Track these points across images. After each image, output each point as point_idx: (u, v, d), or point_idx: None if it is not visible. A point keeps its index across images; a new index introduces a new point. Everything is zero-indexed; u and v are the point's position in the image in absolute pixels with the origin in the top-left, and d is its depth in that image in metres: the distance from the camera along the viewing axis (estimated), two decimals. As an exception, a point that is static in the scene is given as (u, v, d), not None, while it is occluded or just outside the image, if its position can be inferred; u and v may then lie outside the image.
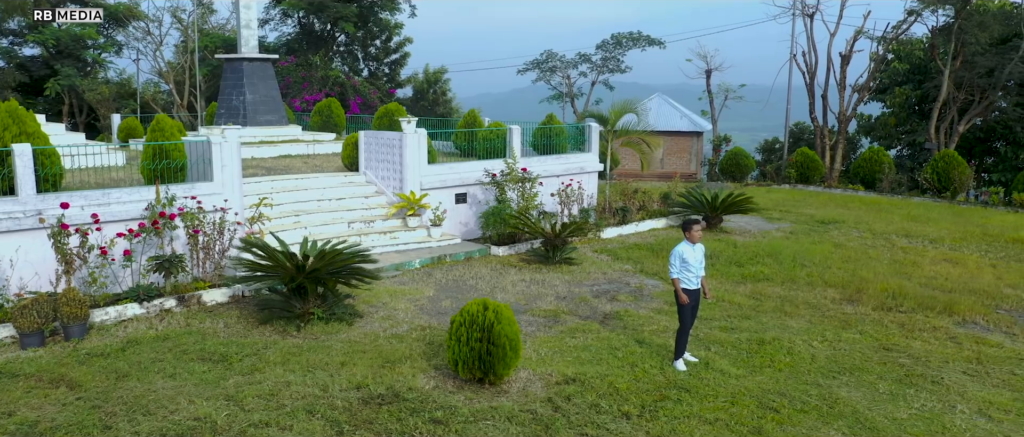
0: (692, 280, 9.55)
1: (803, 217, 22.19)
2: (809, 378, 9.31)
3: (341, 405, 8.21)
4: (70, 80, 33.54)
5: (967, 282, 14.44)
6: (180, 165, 13.87)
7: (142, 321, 11.22)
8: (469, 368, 8.67)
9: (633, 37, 39.67)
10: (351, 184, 17.76)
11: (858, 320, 11.82)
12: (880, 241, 18.65)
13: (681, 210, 20.05)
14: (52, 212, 11.70)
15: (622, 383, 8.94)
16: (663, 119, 39.66)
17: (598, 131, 20.82)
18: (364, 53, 44.58)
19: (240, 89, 24.35)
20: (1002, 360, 10.13)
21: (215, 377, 9.03)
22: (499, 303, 8.84)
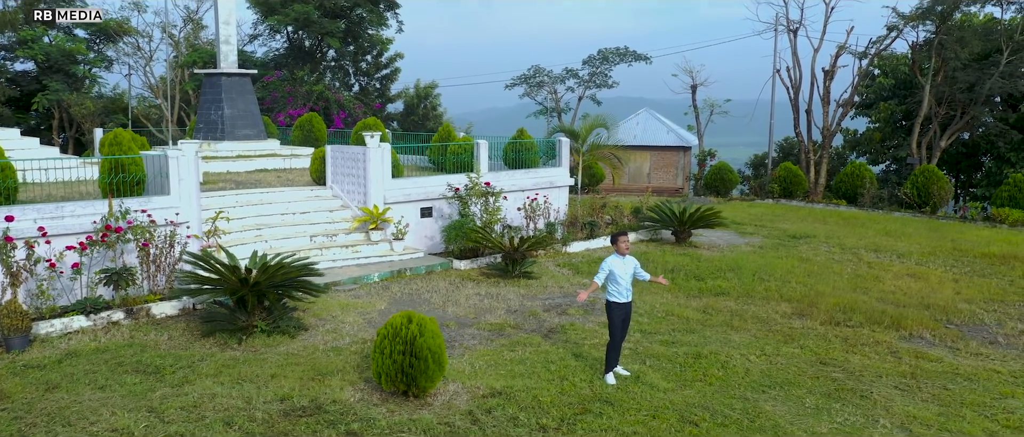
0: (622, 293, 9.59)
1: (776, 232, 22.21)
2: (737, 392, 9.32)
3: (260, 417, 8.25)
4: (58, 95, 33.81)
5: (925, 297, 14.44)
6: (137, 179, 13.99)
7: (87, 333, 11.29)
8: (392, 381, 8.71)
9: (619, 52, 39.84)
10: (317, 198, 17.86)
11: (802, 334, 11.82)
12: (847, 256, 18.65)
13: (651, 224, 20.08)
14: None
15: (547, 396, 8.97)
16: (650, 134, 39.79)
17: (568, 146, 20.89)
18: (355, 68, 44.83)
19: (219, 104, 24.51)
20: (937, 375, 10.12)
21: (144, 389, 9.09)
22: (424, 316, 8.89)
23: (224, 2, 24.79)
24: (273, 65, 37.97)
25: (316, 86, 34.45)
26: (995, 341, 11.87)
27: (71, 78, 36.27)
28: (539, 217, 18.30)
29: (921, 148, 31.51)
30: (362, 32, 39.45)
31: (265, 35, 39.52)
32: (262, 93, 35.17)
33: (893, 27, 30.31)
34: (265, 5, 36.39)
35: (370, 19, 38.27)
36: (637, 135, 39.81)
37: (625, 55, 39.87)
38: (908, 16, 29.82)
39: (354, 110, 36.00)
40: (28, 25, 36.25)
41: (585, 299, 9.73)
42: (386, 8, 39.48)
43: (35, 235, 11.69)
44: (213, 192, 17.01)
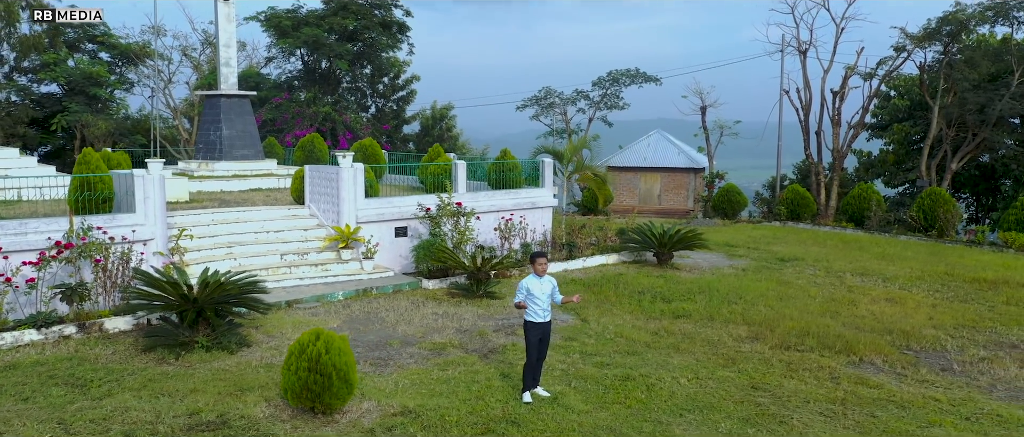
0: (539, 313, 9.54)
1: (767, 254, 21.88)
2: (653, 416, 9.18)
3: (163, 431, 8.36)
4: (77, 116, 34.84)
5: (894, 321, 14.10)
6: (104, 197, 14.34)
7: (35, 347, 11.56)
8: (297, 397, 8.76)
9: (630, 74, 39.78)
10: (294, 217, 18.09)
11: (746, 358, 11.62)
12: (830, 279, 18.31)
13: (633, 246, 19.92)
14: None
15: (455, 416, 8.94)
16: (660, 155, 39.57)
17: (552, 166, 20.90)
18: (372, 90, 45.45)
19: (217, 124, 25.05)
20: (870, 402, 9.86)
21: (64, 402, 9.27)
22: (332, 334, 8.94)
23: (225, 26, 25.39)
24: (287, 87, 38.69)
25: (322, 108, 34.98)
26: (949, 368, 11.54)
27: (93, 100, 37.38)
28: (515, 237, 18.29)
29: (931, 171, 30.83)
30: (375, 55, 40.01)
31: (280, 58, 40.31)
32: (273, 114, 35.85)
33: (901, 48, 29.82)
34: (278, 28, 37.14)
35: (381, 42, 38.80)
36: (647, 157, 39.63)
37: (636, 76, 39.79)
38: (915, 36, 29.32)
39: (360, 131, 36.44)
40: (52, 49, 37.53)
41: (524, 306, 9.59)
42: (397, 30, 40.00)
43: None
44: (190, 211, 17.35)
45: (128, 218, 14.14)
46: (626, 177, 39.79)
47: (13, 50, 37.18)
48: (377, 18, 38.08)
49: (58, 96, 38.03)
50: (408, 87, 45.92)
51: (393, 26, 39.54)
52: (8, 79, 37.88)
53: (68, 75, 36.59)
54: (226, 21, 25.41)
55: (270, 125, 36.05)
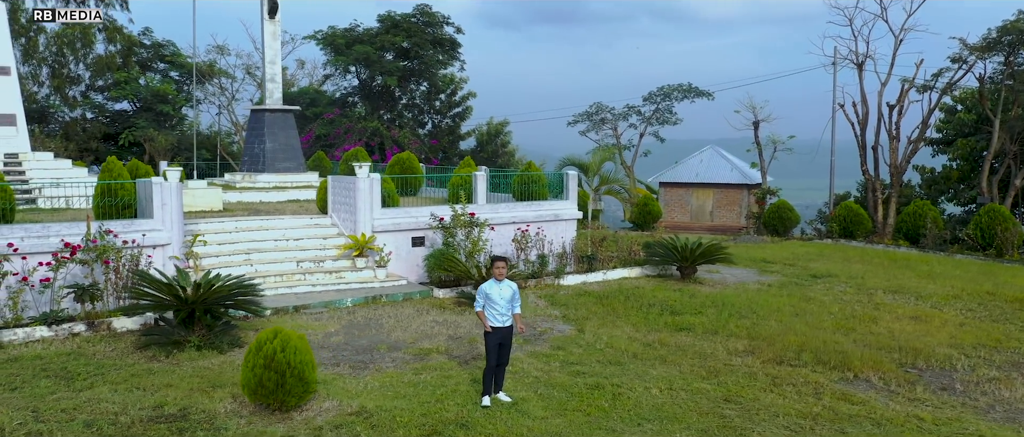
0: (498, 317, 9.54)
1: (801, 271, 21.22)
2: (608, 424, 9.03)
3: (123, 421, 8.70)
4: (143, 131, 36.59)
5: (909, 339, 13.47)
6: (125, 203, 15.04)
7: (45, 343, 12.18)
8: (252, 393, 8.98)
9: (682, 89, 39.27)
10: (316, 226, 18.54)
11: (731, 371, 11.30)
12: (860, 296, 17.62)
13: (656, 260, 19.60)
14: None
15: (407, 417, 9.00)
16: (713, 171, 38.94)
17: (576, 178, 20.81)
18: (429, 107, 46.25)
19: (261, 138, 25.93)
20: (845, 418, 9.45)
21: (46, 392, 9.75)
22: (291, 332, 9.14)
23: (270, 43, 26.34)
24: (342, 103, 39.75)
25: (371, 123, 35.79)
26: (950, 387, 10.96)
27: (160, 116, 39.21)
28: (531, 248, 18.27)
29: (993, 187, 29.32)
30: (429, 72, 40.71)
31: (337, 75, 41.46)
32: (326, 130, 36.86)
33: (959, 59, 28.55)
34: (333, 46, 38.26)
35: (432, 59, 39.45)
36: (699, 172, 39.05)
37: (688, 91, 39.26)
38: (975, 47, 28.04)
39: (408, 145, 37.08)
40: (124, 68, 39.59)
41: (491, 329, 9.57)
42: (449, 47, 40.63)
43: (6, 252, 12.76)
44: (216, 219, 17.99)
45: (146, 223, 14.78)
46: (678, 193, 39.28)
47: (89, 70, 39.38)
48: (428, 36, 38.76)
49: (128, 113, 40.05)
50: (464, 104, 46.55)
51: (444, 43, 40.15)
52: (84, 97, 40.13)
53: (138, 93, 38.51)
54: (271, 38, 26.35)
55: (323, 140, 37.06)
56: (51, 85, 39.04)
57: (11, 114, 22.04)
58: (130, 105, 40.05)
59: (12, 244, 12.84)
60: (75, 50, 39.15)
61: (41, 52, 38.34)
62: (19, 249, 12.93)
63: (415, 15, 38.82)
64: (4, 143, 21.87)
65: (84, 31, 38.81)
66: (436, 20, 39.30)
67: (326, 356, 11.82)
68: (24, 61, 38.11)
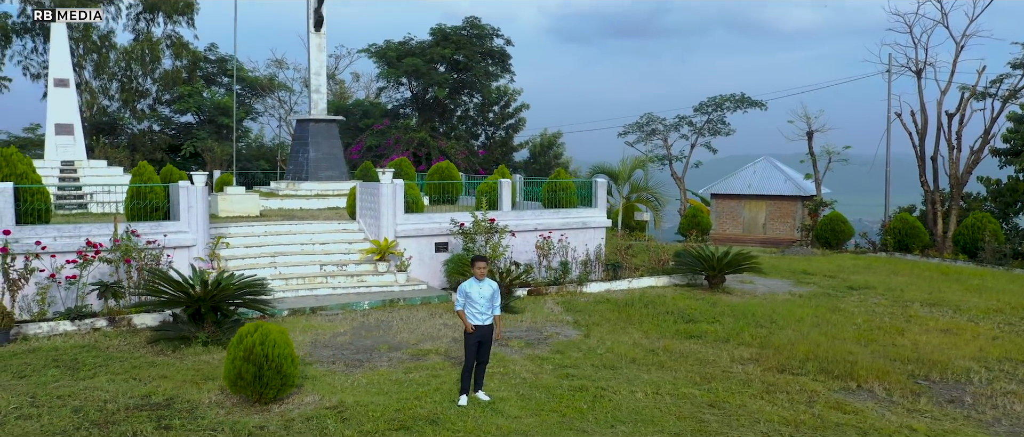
0: (477, 316, 9.58)
1: (838, 283, 20.56)
2: (581, 425, 8.94)
3: (109, 408, 9.08)
4: (203, 142, 38.02)
5: (931, 352, 12.89)
6: (154, 205, 15.68)
7: (67, 336, 12.79)
8: (232, 384, 9.24)
9: (735, 99, 38.59)
10: (344, 231, 18.92)
11: (727, 378, 11.04)
12: (893, 308, 16.96)
13: (684, 269, 19.29)
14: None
15: (380, 412, 9.10)
16: (766, 182, 38.10)
17: (605, 186, 20.67)
18: (483, 118, 46.66)
19: (305, 147, 26.64)
20: (830, 426, 9.12)
21: (50, 380, 10.24)
22: (272, 327, 9.38)
23: (316, 55, 27.08)
24: (394, 115, 40.48)
25: (418, 133, 36.33)
26: (958, 400, 10.44)
27: (221, 128, 40.68)
28: (554, 255, 18.22)
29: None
30: (480, 83, 41.11)
31: (390, 87, 42.25)
32: (376, 140, 37.58)
33: (1020, 65, 27.24)
34: (385, 59, 39.05)
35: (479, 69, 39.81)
36: (752, 184, 38.24)
37: (741, 102, 38.55)
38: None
39: (454, 156, 37.45)
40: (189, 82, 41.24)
41: (472, 329, 9.62)
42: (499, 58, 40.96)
43: (36, 249, 13.45)
44: (247, 223, 18.55)
45: (172, 225, 15.38)
46: (730, 205, 38.55)
47: (155, 84, 41.17)
48: (477, 47, 39.18)
49: (193, 125, 41.67)
50: (517, 115, 46.78)
51: (494, 55, 40.49)
52: (151, 110, 41.95)
53: (201, 106, 40.06)
54: (317, 50, 27.10)
55: (375, 150, 37.79)
56: (120, 98, 40.98)
57: (69, 124, 23.23)
58: (194, 118, 41.67)
59: (40, 243, 13.53)
60: (144, 64, 41.00)
61: (111, 67, 40.31)
62: (48, 247, 13.62)
63: (465, 27, 39.33)
64: (62, 151, 23.03)
65: (152, 47, 40.64)
66: (485, 32, 39.70)
67: (326, 354, 12.05)
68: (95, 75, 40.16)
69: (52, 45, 23.53)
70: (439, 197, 24.40)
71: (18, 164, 14.70)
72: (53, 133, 23.06)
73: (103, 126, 39.36)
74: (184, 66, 42.08)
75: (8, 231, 13.34)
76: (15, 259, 13.04)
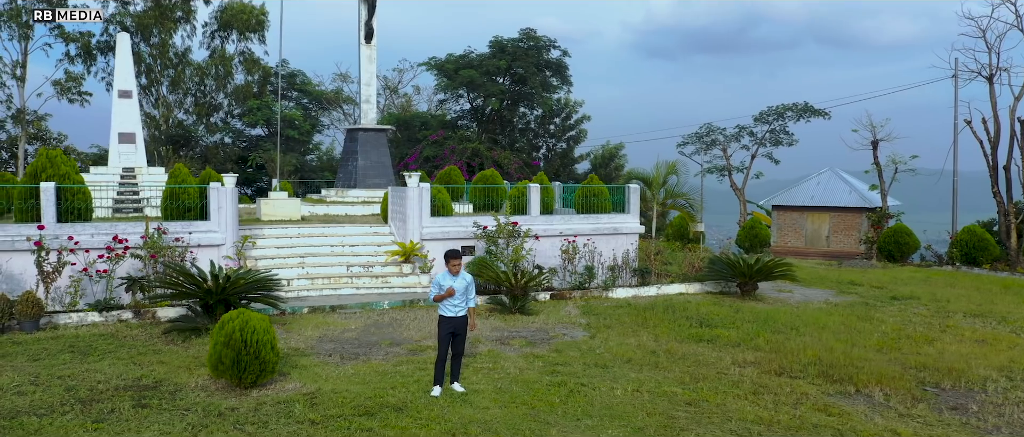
0: (450, 307, 9.68)
1: (881, 293, 19.74)
2: (546, 417, 8.88)
3: (100, 388, 9.56)
4: (268, 154, 39.44)
5: (954, 361, 12.24)
6: (188, 206, 16.40)
7: (93, 326, 13.50)
8: (213, 368, 9.58)
9: (797, 108, 37.52)
10: (375, 234, 19.32)
11: (718, 378, 10.76)
12: (933, 319, 16.16)
13: (716, 276, 18.84)
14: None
15: (350, 398, 9.28)
16: (829, 194, 36.87)
17: (638, 193, 20.45)
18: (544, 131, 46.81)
19: (354, 155, 27.32)
20: (805, 427, 8.77)
21: (59, 363, 10.84)
22: (253, 314, 9.70)
23: (366, 66, 27.81)
24: (452, 126, 41.07)
25: (471, 143, 36.75)
26: (963, 407, 9.88)
27: (289, 140, 42.13)
28: (578, 260, 18.13)
29: None
30: (539, 95, 41.29)
31: (451, 100, 42.92)
32: (433, 151, 38.19)
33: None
34: (442, 71, 39.73)
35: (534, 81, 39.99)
36: (815, 196, 37.06)
37: (804, 111, 37.45)
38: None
39: (508, 165, 37.65)
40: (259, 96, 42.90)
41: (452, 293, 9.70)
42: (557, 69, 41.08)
43: (69, 245, 14.27)
44: (280, 226, 19.18)
45: (202, 225, 16.06)
46: (791, 217, 37.43)
47: (227, 98, 42.99)
48: (533, 58, 39.40)
49: (261, 137, 43.30)
50: (577, 127, 46.73)
51: (551, 66, 40.64)
52: (224, 123, 43.79)
53: (269, 119, 41.63)
54: (367, 62, 27.82)
55: (431, 160, 38.42)
56: (194, 112, 42.97)
57: (131, 133, 24.51)
58: (263, 130, 43.29)
59: (73, 238, 14.34)
60: (218, 79, 42.91)
61: (186, 83, 42.36)
62: (81, 243, 14.43)
63: (521, 39, 39.62)
64: (124, 158, 24.31)
65: (225, 63, 42.51)
66: (541, 43, 39.90)
67: (327, 348, 12.33)
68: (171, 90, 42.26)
69: (117, 58, 24.89)
70: (483, 203, 24.58)
71: (61, 165, 15.64)
72: (116, 141, 24.38)
73: (178, 138, 41.33)
74: (255, 81, 43.83)
75: (42, 226, 14.20)
76: (49, 253, 13.85)
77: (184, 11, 41.38)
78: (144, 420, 8.43)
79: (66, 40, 35.61)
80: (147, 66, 41.36)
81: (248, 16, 43.38)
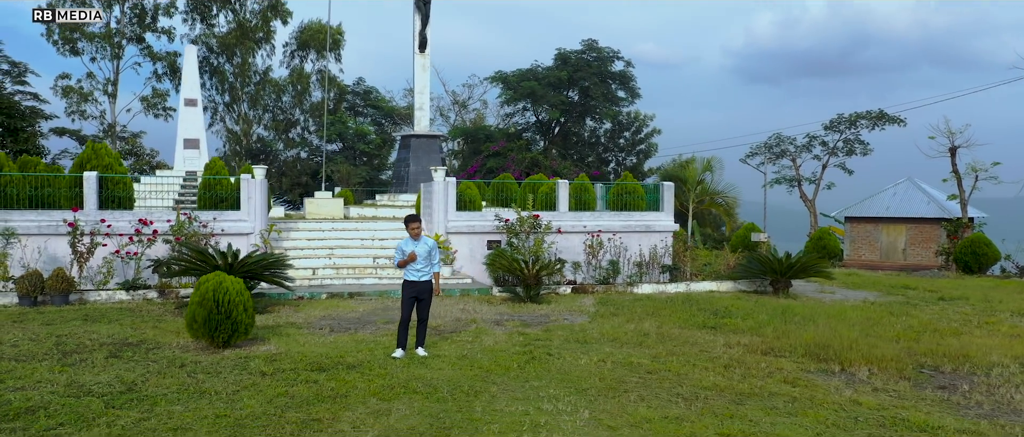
0: (413, 272, 9.81)
1: (932, 295, 18.69)
2: (493, 378, 8.84)
3: (86, 344, 10.19)
4: (338, 167, 40.78)
5: (971, 351, 11.43)
6: (221, 197, 17.20)
7: (121, 303, 14.35)
8: (188, 327, 10.01)
9: (871, 115, 35.97)
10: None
11: (696, 355, 10.46)
12: (973, 316, 15.19)
13: (749, 274, 18.24)
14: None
15: (309, 358, 9.52)
16: (905, 205, 35.14)
17: (672, 190, 20.10)
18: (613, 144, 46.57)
19: (407, 161, 27.93)
20: (756, 394, 8.38)
21: (68, 328, 11.55)
22: (228, 277, 10.09)
23: (420, 75, 28.47)
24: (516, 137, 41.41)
25: (530, 154, 36.93)
26: (952, 387, 9.24)
27: (360, 154, 43.47)
28: (603, 255, 17.93)
29: None
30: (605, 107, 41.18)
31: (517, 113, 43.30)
32: (496, 163, 38.58)
33: None
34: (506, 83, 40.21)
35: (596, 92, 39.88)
36: (890, 206, 35.36)
37: (878, 118, 35.87)
38: None
39: (568, 175, 37.56)
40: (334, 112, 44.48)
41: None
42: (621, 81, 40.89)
43: (102, 228, 15.19)
44: (314, 221, 19.82)
45: (232, 214, 16.80)
46: (865, 229, 35.82)
47: (304, 114, 44.77)
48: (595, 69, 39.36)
49: (335, 152, 44.85)
50: (647, 141, 46.27)
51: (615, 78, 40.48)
52: (301, 138, 45.57)
53: (342, 134, 43.11)
54: (420, 70, 28.47)
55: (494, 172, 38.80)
56: (272, 128, 44.93)
57: (195, 139, 25.88)
58: (338, 146, 44.85)
59: (104, 219, 15.29)
60: (297, 97, 44.78)
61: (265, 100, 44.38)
62: (114, 228, 15.34)
63: (584, 50, 39.67)
64: (188, 163, 25.68)
65: (302, 81, 44.33)
66: (604, 54, 39.82)
67: (325, 323, 12.62)
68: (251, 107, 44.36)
69: (185, 69, 26.40)
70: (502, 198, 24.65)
71: (105, 157, 16.72)
72: (181, 147, 25.80)
73: (256, 152, 43.27)
74: (330, 97, 45.50)
75: (76, 209, 15.19)
76: (83, 236, 14.80)
77: (264, 32, 43.46)
78: (108, 367, 8.90)
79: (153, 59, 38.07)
80: (230, 84, 43.63)
81: (325, 36, 45.19)
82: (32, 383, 8.10)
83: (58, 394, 7.66)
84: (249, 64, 43.03)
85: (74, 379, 8.26)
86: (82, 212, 15.52)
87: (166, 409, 7.29)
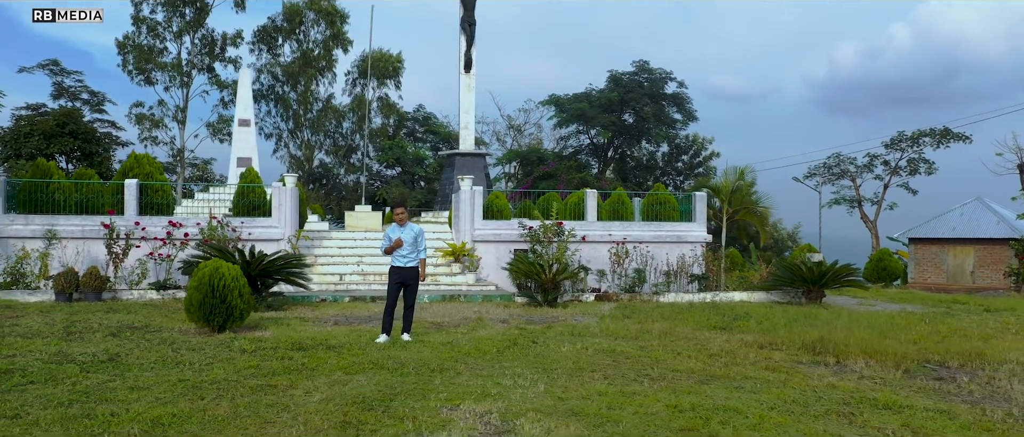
0: (399, 258, 10.00)
1: (979, 308, 17.76)
2: (465, 361, 8.89)
3: (94, 326, 10.70)
4: (393, 190, 41.57)
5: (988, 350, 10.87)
6: (255, 204, 17.83)
7: (151, 301, 14.96)
8: (186, 310, 10.41)
9: (935, 133, 34.62)
10: (438, 239, 19.92)
11: (688, 347, 10.26)
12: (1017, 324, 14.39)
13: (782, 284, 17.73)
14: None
15: (297, 340, 9.76)
16: (973, 225, 33.56)
17: (704, 200, 19.80)
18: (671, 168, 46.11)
19: (451, 179, 28.31)
20: (729, 378, 8.20)
21: (88, 315, 12.14)
22: (225, 264, 10.49)
23: (465, 95, 28.94)
24: (570, 159, 41.46)
25: (579, 174, 36.86)
26: (948, 379, 8.81)
27: (417, 178, 44.22)
28: (628, 263, 17.76)
29: None
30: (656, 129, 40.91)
31: (572, 136, 43.40)
32: (549, 185, 38.70)
33: None
34: (558, 105, 40.41)
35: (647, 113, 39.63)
36: (957, 227, 33.81)
37: (943, 136, 34.51)
38: None
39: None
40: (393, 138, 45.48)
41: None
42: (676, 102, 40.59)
43: (137, 231, 15.94)
44: (349, 231, 20.29)
45: (263, 220, 17.38)
46: (931, 251, 34.30)
47: (363, 139, 45.91)
48: (646, 90, 39.19)
49: (392, 176, 45.79)
50: (706, 164, 45.65)
51: (668, 99, 40.21)
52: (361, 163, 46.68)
53: (400, 159, 44.03)
54: (466, 91, 28.95)
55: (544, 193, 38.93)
56: (333, 153, 46.21)
57: (248, 157, 26.89)
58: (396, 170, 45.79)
59: (139, 222, 16.04)
60: (358, 122, 46.01)
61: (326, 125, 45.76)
62: (148, 231, 16.09)
63: (636, 72, 39.57)
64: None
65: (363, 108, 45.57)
66: (656, 75, 39.62)
67: (334, 319, 12.89)
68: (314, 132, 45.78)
69: (239, 91, 27.55)
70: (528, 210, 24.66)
71: (146, 166, 17.58)
72: (235, 165, 26.84)
73: (318, 177, 44.55)
74: (390, 124, 46.59)
75: (112, 212, 15.99)
76: (118, 238, 15.56)
77: (326, 61, 44.97)
78: (101, 343, 9.33)
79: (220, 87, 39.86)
80: (293, 112, 45.19)
81: (386, 64, 46.43)
82: (24, 352, 8.57)
83: (42, 361, 8.08)
84: (311, 92, 44.51)
85: (63, 350, 8.70)
86: (119, 217, 16.33)
87: (136, 375, 7.60)
